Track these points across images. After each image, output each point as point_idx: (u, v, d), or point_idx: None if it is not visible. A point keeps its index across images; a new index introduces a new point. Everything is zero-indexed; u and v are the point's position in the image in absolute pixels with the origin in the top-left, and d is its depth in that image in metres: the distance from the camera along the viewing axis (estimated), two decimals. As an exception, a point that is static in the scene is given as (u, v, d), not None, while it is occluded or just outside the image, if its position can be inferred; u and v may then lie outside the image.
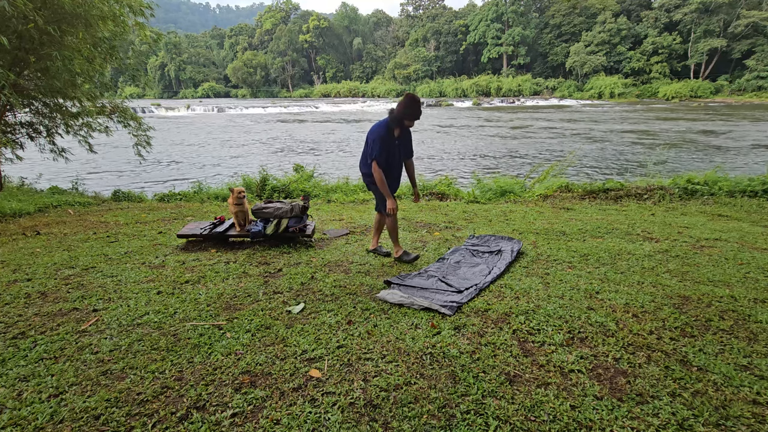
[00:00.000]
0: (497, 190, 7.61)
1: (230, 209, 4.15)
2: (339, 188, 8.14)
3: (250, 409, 1.80)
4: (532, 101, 49.34)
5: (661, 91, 47.55)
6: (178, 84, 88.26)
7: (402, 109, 3.31)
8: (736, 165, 12.39)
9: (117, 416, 1.75)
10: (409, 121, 3.38)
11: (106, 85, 7.81)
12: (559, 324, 2.49)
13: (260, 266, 3.56)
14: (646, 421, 1.72)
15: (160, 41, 7.79)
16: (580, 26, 56.22)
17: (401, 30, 77.67)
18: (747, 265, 3.48)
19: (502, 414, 1.76)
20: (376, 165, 3.38)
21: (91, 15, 6.02)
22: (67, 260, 3.71)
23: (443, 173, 10.32)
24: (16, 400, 1.84)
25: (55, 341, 2.34)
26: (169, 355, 2.20)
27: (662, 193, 6.71)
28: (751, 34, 44.45)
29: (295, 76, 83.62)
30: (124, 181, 11.72)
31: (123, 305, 2.78)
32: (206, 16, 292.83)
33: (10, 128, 7.18)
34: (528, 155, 15.37)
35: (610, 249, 3.95)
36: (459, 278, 3.24)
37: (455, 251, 3.86)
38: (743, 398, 1.86)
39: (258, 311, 2.70)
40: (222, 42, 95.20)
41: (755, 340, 2.32)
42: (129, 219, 5.53)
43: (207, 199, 7.72)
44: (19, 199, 6.41)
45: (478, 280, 3.18)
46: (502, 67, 63.38)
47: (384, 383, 1.95)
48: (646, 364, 2.11)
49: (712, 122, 24.76)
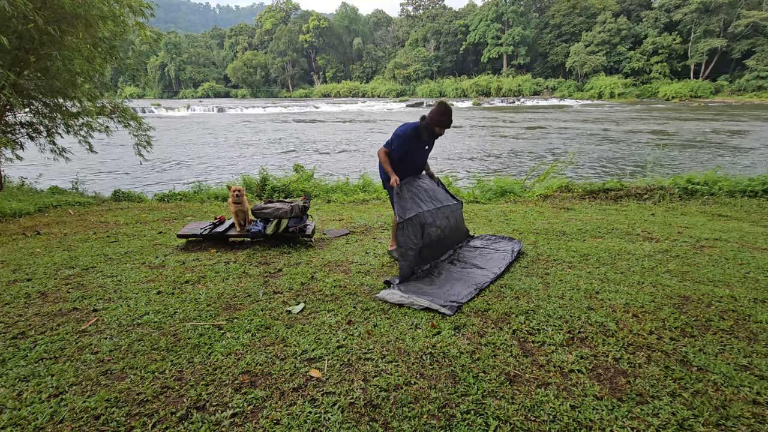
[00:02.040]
0: (497, 190, 7.61)
1: (230, 208, 4.16)
2: (339, 188, 8.15)
3: (250, 409, 1.80)
4: (532, 101, 49.34)
5: (661, 91, 47.54)
6: (178, 84, 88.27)
7: (435, 117, 3.35)
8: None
9: (117, 416, 1.75)
10: (440, 128, 3.41)
11: (106, 85, 7.81)
12: (559, 324, 2.49)
13: (260, 266, 3.56)
14: (646, 421, 1.72)
15: (160, 41, 7.78)
16: (580, 26, 56.21)
17: (401, 30, 77.66)
18: (747, 265, 3.48)
19: (502, 414, 1.76)
20: (384, 151, 3.51)
21: (91, 15, 6.02)
22: (67, 260, 3.71)
23: (443, 173, 10.32)
24: (16, 400, 1.85)
25: (55, 341, 2.34)
26: (169, 355, 2.20)
27: (662, 193, 6.71)
28: (751, 34, 44.44)
29: (295, 76, 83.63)
30: (126, 181, 11.72)
31: (123, 305, 2.78)
32: (206, 16, 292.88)
33: (10, 128, 7.17)
34: (532, 153, 15.37)
35: (610, 249, 3.95)
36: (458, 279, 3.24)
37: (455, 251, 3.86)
38: (743, 398, 1.86)
39: (258, 311, 2.70)
40: (222, 42, 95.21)
41: (755, 340, 2.32)
42: (129, 219, 5.53)
43: (207, 199, 7.72)
44: (19, 199, 6.41)
45: (479, 279, 3.19)
46: (502, 67, 63.38)
47: (384, 383, 1.96)
48: (646, 364, 2.11)
49: (722, 121, 24.74)
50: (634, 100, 47.67)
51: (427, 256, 3.45)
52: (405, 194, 3.44)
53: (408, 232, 3.26)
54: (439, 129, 3.41)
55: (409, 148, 3.51)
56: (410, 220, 3.29)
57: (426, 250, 3.42)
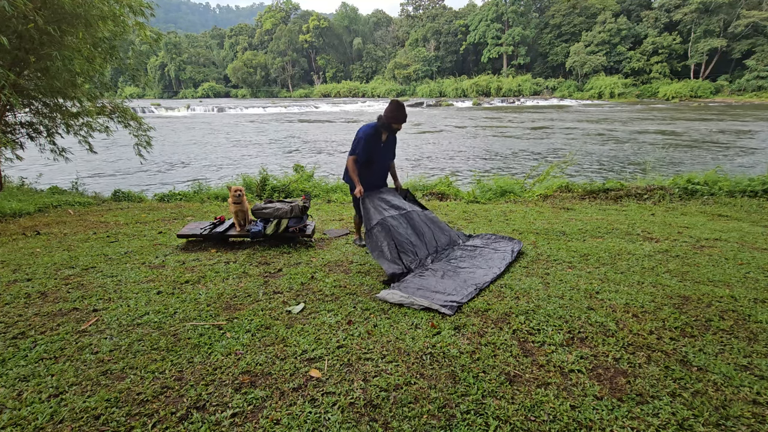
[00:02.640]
0: (497, 190, 7.61)
1: (230, 208, 4.16)
2: (339, 188, 8.15)
3: (250, 409, 1.80)
4: (532, 101, 49.34)
5: (661, 91, 47.53)
6: (178, 84, 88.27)
7: (389, 114, 3.61)
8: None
9: (117, 416, 1.75)
10: (396, 124, 3.66)
11: (106, 85, 7.81)
12: (559, 324, 2.50)
13: (260, 266, 3.56)
14: (646, 421, 1.72)
15: (160, 41, 7.78)
16: (580, 26, 56.19)
17: (401, 30, 77.64)
18: (747, 265, 3.48)
19: (502, 414, 1.76)
20: (352, 159, 3.73)
21: (91, 15, 6.02)
22: (67, 260, 3.71)
23: (443, 173, 10.32)
24: (16, 400, 1.85)
25: (55, 341, 2.34)
26: (169, 355, 2.20)
27: (662, 193, 6.71)
28: (751, 34, 44.43)
29: (295, 76, 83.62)
30: (126, 181, 11.72)
31: (123, 305, 2.78)
32: (206, 16, 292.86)
33: (10, 128, 7.17)
34: (533, 153, 15.37)
35: (610, 249, 3.95)
36: (458, 278, 3.24)
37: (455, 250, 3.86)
38: (743, 398, 1.86)
39: (258, 311, 2.70)
40: (222, 42, 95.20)
41: (755, 340, 2.32)
42: (129, 219, 5.53)
43: (207, 199, 7.72)
44: (19, 199, 6.41)
45: (479, 279, 3.19)
46: (502, 67, 63.36)
47: (384, 383, 1.96)
48: (646, 364, 2.11)
49: (728, 122, 24.72)
50: (634, 100, 47.66)
51: (408, 254, 3.50)
52: (368, 204, 3.68)
53: (376, 237, 3.46)
54: (396, 125, 3.66)
55: (371, 149, 3.71)
56: (375, 226, 3.50)
57: (404, 249, 3.50)
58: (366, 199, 3.70)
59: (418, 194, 7.67)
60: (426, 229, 3.84)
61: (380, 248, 3.42)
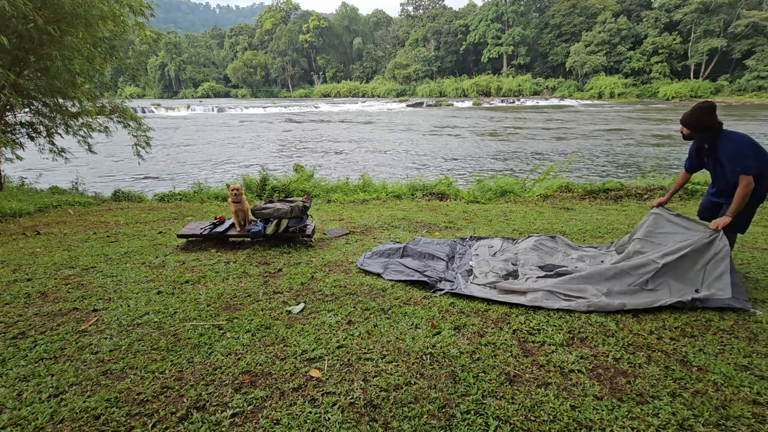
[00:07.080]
0: (497, 190, 7.61)
1: (230, 208, 4.16)
2: (339, 188, 8.15)
3: (250, 409, 1.80)
4: (532, 101, 49.33)
5: (661, 91, 47.53)
6: (178, 84, 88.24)
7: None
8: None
9: (117, 416, 1.75)
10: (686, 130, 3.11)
11: (106, 85, 7.81)
12: (559, 324, 2.50)
13: (260, 266, 3.56)
14: (646, 421, 1.72)
15: (160, 41, 7.79)
16: (580, 26, 56.18)
17: (401, 30, 77.62)
18: (747, 265, 3.48)
19: (502, 414, 1.76)
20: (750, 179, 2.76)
21: (91, 15, 6.01)
22: (67, 260, 3.71)
23: (443, 173, 10.32)
24: (16, 400, 1.84)
25: (55, 341, 2.34)
26: (169, 355, 2.20)
27: (662, 193, 6.71)
28: (751, 34, 44.42)
29: (295, 76, 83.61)
30: (126, 181, 11.71)
31: (123, 305, 2.78)
32: (206, 16, 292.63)
33: (10, 128, 7.18)
34: (534, 153, 15.37)
35: (610, 249, 3.94)
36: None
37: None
38: (743, 398, 1.86)
39: (258, 311, 2.70)
40: (222, 42, 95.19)
41: (755, 340, 2.32)
42: (129, 219, 5.53)
43: (207, 199, 7.72)
44: (19, 199, 6.41)
45: None
46: (502, 67, 63.34)
47: (384, 383, 1.95)
48: (646, 364, 2.11)
49: (733, 121, 24.63)
50: (634, 100, 47.65)
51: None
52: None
53: None
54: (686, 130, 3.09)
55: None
56: None
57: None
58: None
59: (418, 194, 7.67)
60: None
61: None
